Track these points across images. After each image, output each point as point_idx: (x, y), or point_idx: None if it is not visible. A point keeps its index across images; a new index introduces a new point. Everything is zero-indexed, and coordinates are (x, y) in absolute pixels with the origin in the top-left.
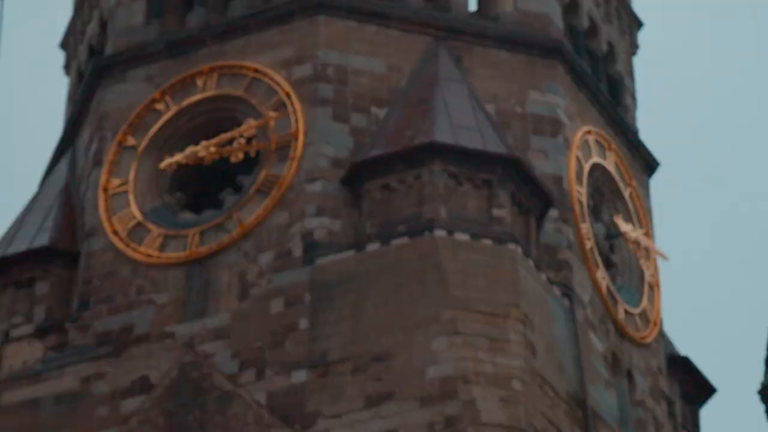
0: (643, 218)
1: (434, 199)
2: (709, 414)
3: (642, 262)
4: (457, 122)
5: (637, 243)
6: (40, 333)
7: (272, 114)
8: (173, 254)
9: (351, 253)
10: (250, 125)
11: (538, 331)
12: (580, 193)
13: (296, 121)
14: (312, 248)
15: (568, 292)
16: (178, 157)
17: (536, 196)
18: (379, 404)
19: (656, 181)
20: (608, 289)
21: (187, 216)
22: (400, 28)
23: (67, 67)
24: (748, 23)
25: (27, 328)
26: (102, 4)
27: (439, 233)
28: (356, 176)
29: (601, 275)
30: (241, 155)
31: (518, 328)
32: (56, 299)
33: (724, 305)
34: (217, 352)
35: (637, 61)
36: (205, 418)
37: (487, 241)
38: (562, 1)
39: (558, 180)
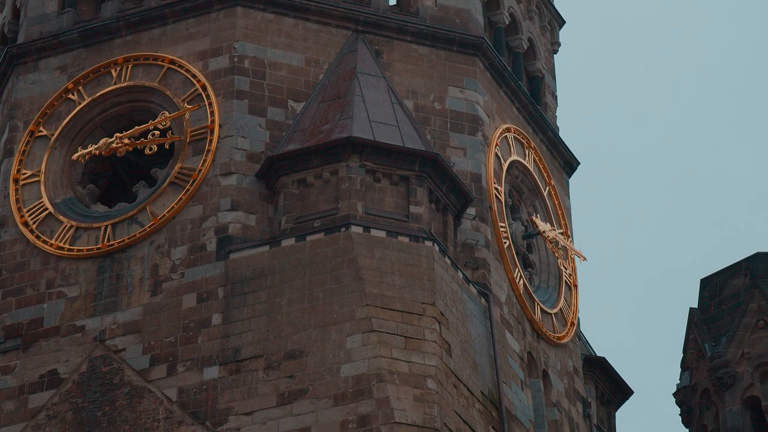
0: (562, 218)
1: (351, 195)
2: (625, 415)
3: (560, 261)
4: (375, 118)
5: (555, 242)
6: None
7: (187, 106)
8: (85, 247)
9: (266, 248)
10: (164, 117)
11: (453, 330)
12: (498, 191)
13: (212, 113)
14: (226, 243)
15: (484, 291)
16: (91, 148)
17: (454, 194)
18: (292, 402)
19: (576, 181)
20: (525, 288)
21: (100, 208)
22: (319, 22)
23: None
24: (670, 21)
25: None
26: None
27: (356, 229)
28: (272, 170)
29: (519, 274)
30: (155, 147)
31: (434, 326)
32: None
33: (643, 307)
34: (128, 346)
35: (559, 59)
36: (115, 414)
37: (404, 239)
38: None
39: (476, 177)
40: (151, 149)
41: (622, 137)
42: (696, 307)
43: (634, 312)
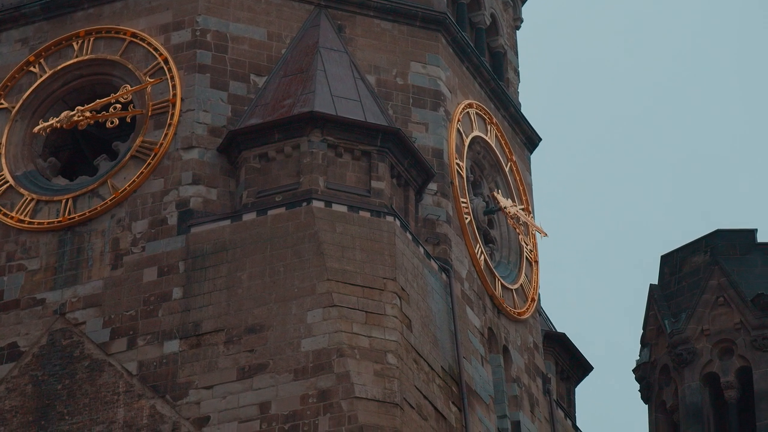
0: (523, 194)
1: (312, 170)
2: (584, 391)
3: (521, 237)
4: (338, 92)
5: (516, 218)
6: None
7: (149, 80)
8: (45, 220)
9: (227, 222)
10: (126, 90)
11: (414, 305)
12: (460, 166)
13: (174, 87)
14: (187, 217)
15: (445, 266)
16: (53, 121)
17: (416, 169)
18: (252, 376)
19: (537, 157)
20: (486, 264)
21: (61, 181)
22: None
23: None
24: None
25: None
26: None
27: (317, 204)
28: (233, 145)
29: (480, 250)
30: (116, 121)
31: (394, 302)
32: None
33: (603, 283)
34: (89, 320)
35: (521, 36)
36: (75, 387)
37: (365, 213)
38: None
39: (438, 153)
40: (112, 123)
41: (584, 114)
42: (656, 283)
43: (594, 288)
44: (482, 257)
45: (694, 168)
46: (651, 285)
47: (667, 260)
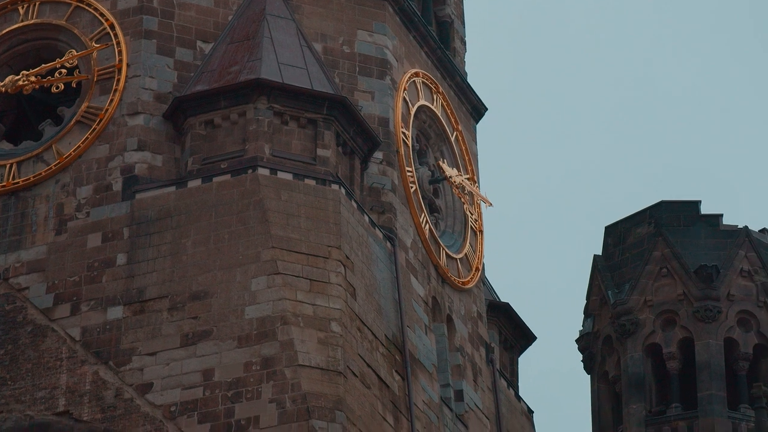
0: (469, 163)
1: (258, 137)
2: (527, 361)
3: (466, 207)
4: (284, 60)
5: (461, 188)
6: None
7: (95, 45)
8: None
9: (172, 189)
10: (72, 56)
11: (358, 274)
12: (405, 135)
13: (120, 53)
14: (132, 183)
15: (390, 235)
16: None
17: (361, 138)
18: (196, 343)
19: (483, 127)
20: (431, 233)
21: (5, 146)
22: None
23: None
24: None
25: None
26: None
27: (262, 172)
28: (179, 111)
29: (425, 219)
30: (62, 86)
31: (339, 270)
32: None
33: (547, 254)
34: (32, 285)
35: (468, 5)
36: (17, 352)
37: (311, 181)
38: None
39: (384, 122)
40: (57, 88)
41: (530, 84)
42: (600, 254)
43: (538, 258)
44: (427, 226)
45: (640, 140)
46: (595, 256)
47: (611, 231)
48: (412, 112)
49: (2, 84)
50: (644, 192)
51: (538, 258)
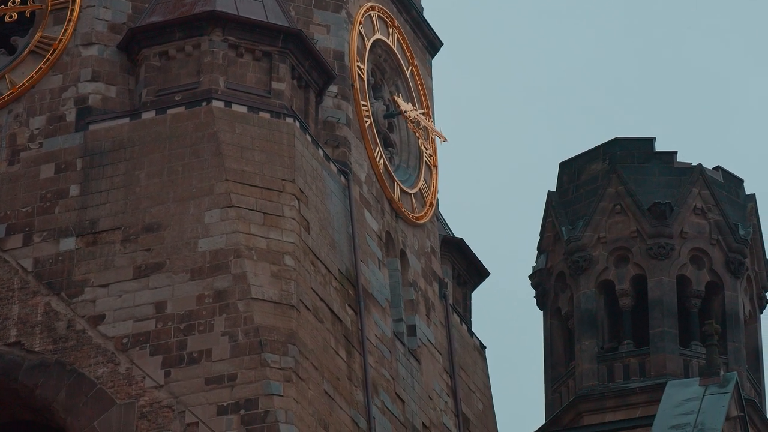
0: (424, 98)
1: (212, 70)
2: (480, 297)
3: (421, 142)
4: None
5: (416, 123)
6: None
7: None
8: None
9: (125, 120)
10: None
11: (312, 208)
12: (361, 69)
13: None
14: (86, 114)
15: (344, 169)
16: None
17: (317, 71)
18: (149, 275)
19: (439, 62)
20: (385, 167)
21: None
22: None
23: None
24: None
25: None
26: None
27: (217, 104)
28: (134, 42)
29: (379, 154)
30: (15, 15)
31: (293, 203)
32: None
33: (502, 190)
34: None
35: None
36: None
37: (265, 115)
38: None
39: (339, 55)
40: (11, 17)
41: (486, 19)
42: (554, 190)
43: (492, 194)
44: (381, 161)
45: (595, 75)
46: (549, 192)
47: (565, 167)
48: (368, 46)
49: None
50: (599, 128)
51: (492, 194)
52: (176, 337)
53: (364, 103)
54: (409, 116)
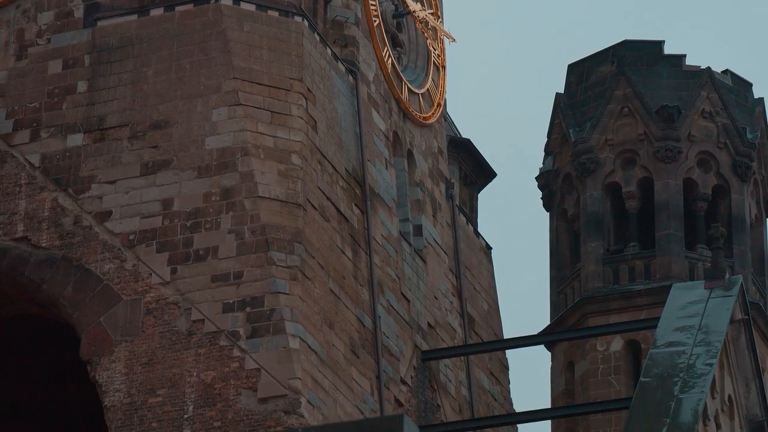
0: None
1: None
2: (487, 197)
3: (429, 42)
4: None
5: (425, 23)
6: None
7: None
8: None
9: (134, 17)
10: None
11: (320, 107)
12: None
13: None
14: (94, 10)
15: (352, 68)
16: None
17: None
18: (156, 172)
19: None
20: (393, 67)
21: None
22: None
23: None
24: None
25: None
26: None
27: (225, 2)
28: None
29: (387, 54)
30: None
31: (300, 102)
32: None
33: (510, 91)
34: None
35: None
36: None
37: (274, 13)
38: None
39: None
40: None
41: None
42: (562, 92)
43: (500, 95)
44: (390, 61)
45: None
46: (557, 93)
47: (574, 69)
48: None
49: None
50: (608, 31)
51: (501, 95)
52: (183, 234)
53: (373, 2)
54: (418, 16)
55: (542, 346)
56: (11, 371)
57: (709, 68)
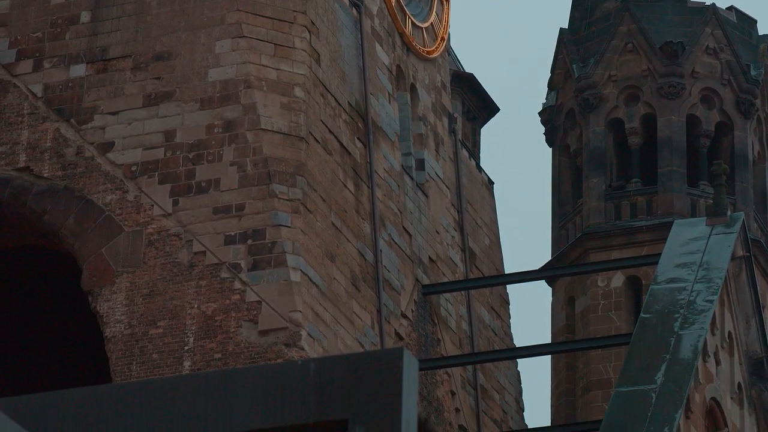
0: None
1: None
2: (490, 132)
3: None
4: None
5: None
6: None
7: None
8: None
9: None
10: None
11: (323, 40)
12: None
13: None
14: None
15: (356, 2)
16: None
17: None
18: (159, 104)
19: None
20: (397, 1)
21: None
22: None
23: None
24: None
25: None
26: None
27: None
28: None
29: None
30: None
31: (304, 35)
32: None
33: (513, 26)
34: None
35: None
36: None
37: None
38: None
39: None
40: None
41: None
42: (566, 27)
43: (504, 30)
44: None
45: None
46: (561, 29)
47: (578, 4)
48: None
49: None
50: None
51: (504, 30)
52: (185, 166)
53: None
54: None
55: (543, 282)
56: (12, 302)
57: (713, 4)
